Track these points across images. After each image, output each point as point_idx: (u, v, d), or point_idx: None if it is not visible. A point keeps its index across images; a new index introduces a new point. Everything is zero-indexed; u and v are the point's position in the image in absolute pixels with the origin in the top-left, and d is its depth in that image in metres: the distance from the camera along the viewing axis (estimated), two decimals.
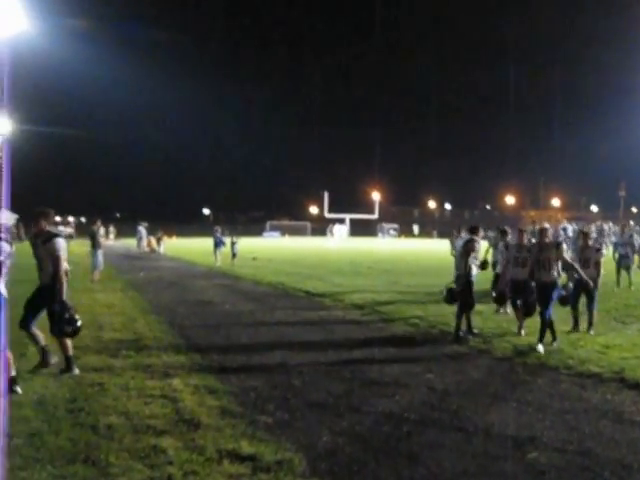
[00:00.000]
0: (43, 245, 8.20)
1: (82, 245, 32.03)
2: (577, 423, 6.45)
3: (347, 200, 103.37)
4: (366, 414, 6.64)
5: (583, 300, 11.67)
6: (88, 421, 6.24)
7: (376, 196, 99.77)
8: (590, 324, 11.53)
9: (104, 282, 20.77)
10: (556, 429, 6.26)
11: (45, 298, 8.19)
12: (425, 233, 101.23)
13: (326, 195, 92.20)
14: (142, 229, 47.12)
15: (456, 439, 5.92)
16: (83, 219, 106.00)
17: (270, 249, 48.40)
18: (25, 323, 8.20)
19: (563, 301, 10.97)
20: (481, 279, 13.15)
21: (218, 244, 29.78)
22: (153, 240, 46.24)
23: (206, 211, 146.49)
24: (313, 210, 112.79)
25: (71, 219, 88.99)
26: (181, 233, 79.76)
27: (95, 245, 21.92)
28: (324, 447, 5.67)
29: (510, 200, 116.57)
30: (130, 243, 52.16)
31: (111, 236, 64.67)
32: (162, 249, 44.34)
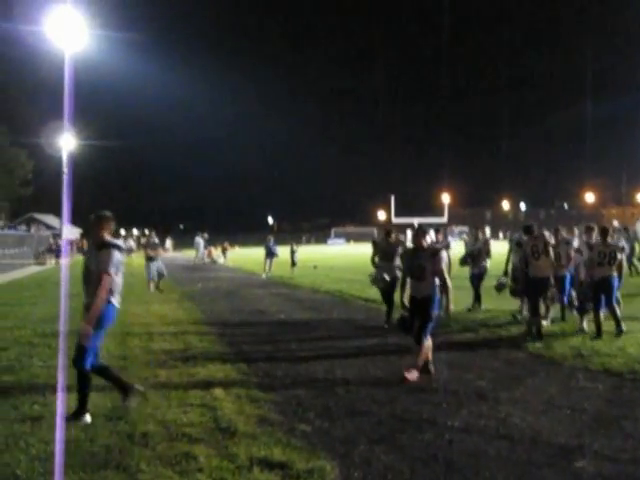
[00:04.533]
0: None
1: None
2: (635, 430, 6.31)
3: (415, 203, 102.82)
4: (408, 422, 6.65)
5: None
6: (125, 429, 6.42)
7: (445, 198, 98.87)
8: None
9: (162, 293, 21.20)
10: (610, 437, 6.14)
11: None
12: (498, 235, 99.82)
13: (392, 199, 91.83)
14: (200, 240, 47.84)
15: (499, 447, 5.87)
16: (147, 231, 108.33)
17: (333, 257, 48.55)
18: None
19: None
20: None
21: (270, 254, 30.04)
22: (214, 250, 46.94)
23: (270, 220, 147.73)
24: (381, 215, 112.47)
25: (135, 232, 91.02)
26: (245, 242, 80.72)
27: (149, 257, 22.39)
28: (360, 456, 5.70)
29: (590, 197, 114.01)
30: (191, 254, 53.02)
31: (167, 246, 65.86)
32: (224, 259, 45.01)
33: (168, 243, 71.81)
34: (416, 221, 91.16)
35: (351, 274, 28.24)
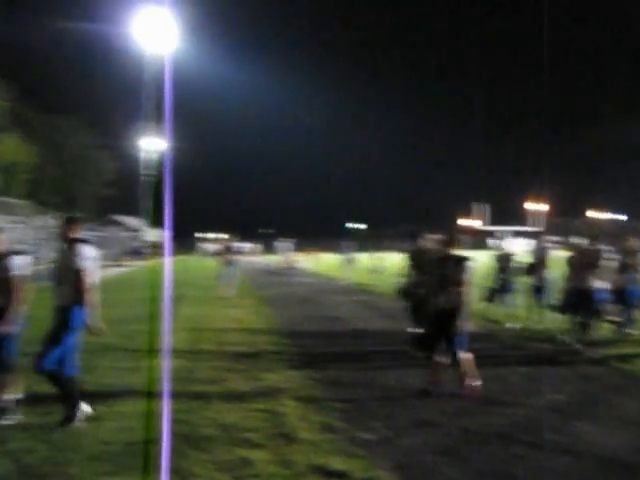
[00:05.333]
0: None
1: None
2: None
3: (509, 211, 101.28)
4: (475, 434, 6.50)
5: None
6: (185, 432, 6.46)
7: (539, 206, 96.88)
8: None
9: (238, 298, 21.40)
10: None
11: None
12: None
13: (478, 207, 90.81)
14: (283, 244, 48.28)
15: (565, 463, 5.68)
16: (226, 236, 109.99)
17: None
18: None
19: None
20: None
21: (348, 260, 29.97)
22: (296, 255, 47.29)
23: (355, 226, 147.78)
24: (466, 223, 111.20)
25: (222, 236, 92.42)
26: (329, 248, 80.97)
27: (225, 261, 22.50)
28: (422, 467, 5.60)
29: None
30: (274, 259, 53.53)
31: (248, 250, 66.70)
32: (304, 264, 45.27)
33: (249, 247, 72.66)
34: (508, 229, 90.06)
35: None
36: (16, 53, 71.35)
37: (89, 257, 7.10)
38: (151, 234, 66.15)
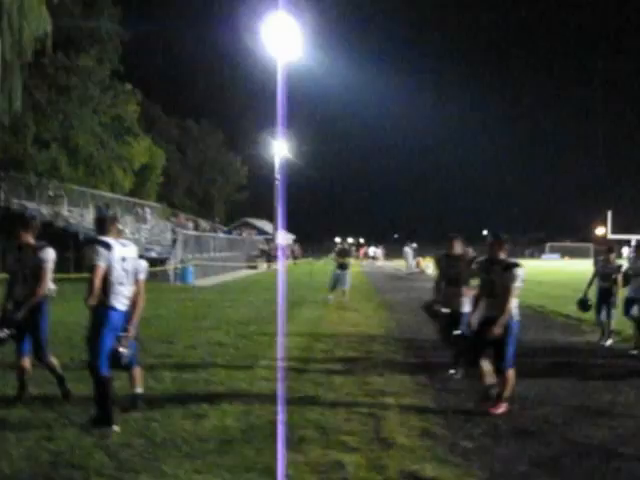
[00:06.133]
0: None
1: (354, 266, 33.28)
2: None
3: (637, 219, 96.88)
4: (577, 445, 6.29)
5: None
6: (283, 433, 6.51)
7: None
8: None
9: (359, 302, 21.45)
10: None
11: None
12: None
13: (609, 214, 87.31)
14: (408, 250, 48.04)
15: None
16: (362, 240, 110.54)
17: (544, 272, 46.79)
18: None
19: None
20: None
21: None
22: (422, 260, 46.99)
23: (485, 232, 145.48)
24: (599, 231, 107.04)
25: (350, 240, 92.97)
26: None
27: (339, 264, 22.26)
28: (516, 477, 5.47)
29: None
30: (400, 264, 53.39)
31: (376, 255, 66.74)
32: (431, 270, 44.83)
33: (376, 251, 72.66)
34: (635, 238, 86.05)
35: (558, 290, 27.11)
36: (146, 58, 74.28)
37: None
38: (282, 237, 67.31)
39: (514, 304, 7.55)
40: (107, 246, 6.54)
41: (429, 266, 45.29)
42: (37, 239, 7.61)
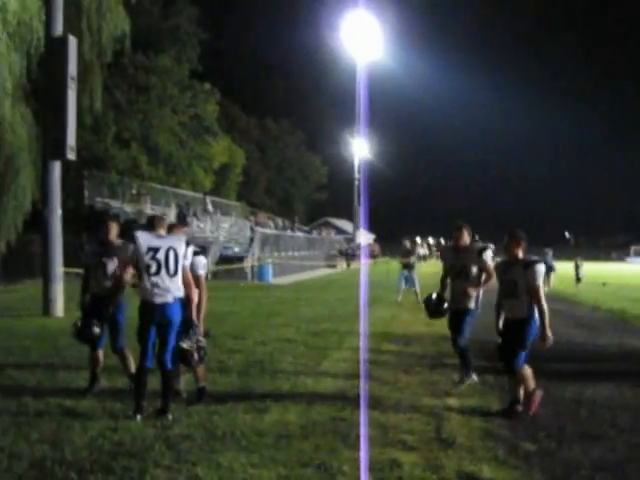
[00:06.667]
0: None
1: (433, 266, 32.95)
2: None
3: None
4: None
5: None
6: (343, 430, 6.54)
7: None
8: None
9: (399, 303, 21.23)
10: None
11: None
12: None
13: None
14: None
15: None
16: (442, 240, 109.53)
17: (628, 275, 45.57)
18: None
19: None
20: None
21: (548, 268, 28.77)
22: None
23: (567, 234, 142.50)
24: None
25: (431, 240, 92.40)
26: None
27: (403, 265, 22.01)
28: None
29: None
30: None
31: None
32: None
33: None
34: None
35: None
36: (226, 58, 75.20)
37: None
38: (362, 237, 67.42)
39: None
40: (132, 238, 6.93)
41: None
42: (121, 237, 8.03)
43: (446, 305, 9.07)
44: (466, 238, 8.92)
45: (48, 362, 9.86)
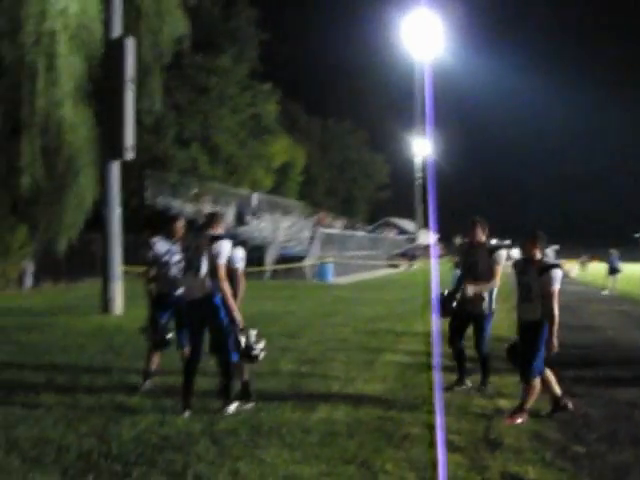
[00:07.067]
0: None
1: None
2: None
3: None
4: None
5: None
6: (388, 429, 6.54)
7: None
8: None
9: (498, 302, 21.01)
10: None
11: None
12: None
13: None
14: (550, 252, 46.88)
15: None
16: (508, 240, 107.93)
17: None
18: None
19: None
20: None
21: (612, 269, 28.20)
22: (567, 263, 45.70)
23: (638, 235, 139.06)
24: None
25: (494, 241, 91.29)
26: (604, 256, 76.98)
27: (455, 264, 21.79)
28: None
29: None
30: None
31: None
32: (576, 272, 43.66)
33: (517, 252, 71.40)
34: None
35: None
36: (286, 58, 75.55)
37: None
38: (425, 237, 67.06)
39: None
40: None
41: (573, 269, 43.99)
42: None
43: (454, 304, 8.54)
44: (480, 235, 8.57)
45: (103, 359, 10.10)
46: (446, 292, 8.72)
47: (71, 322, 14.65)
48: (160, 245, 8.13)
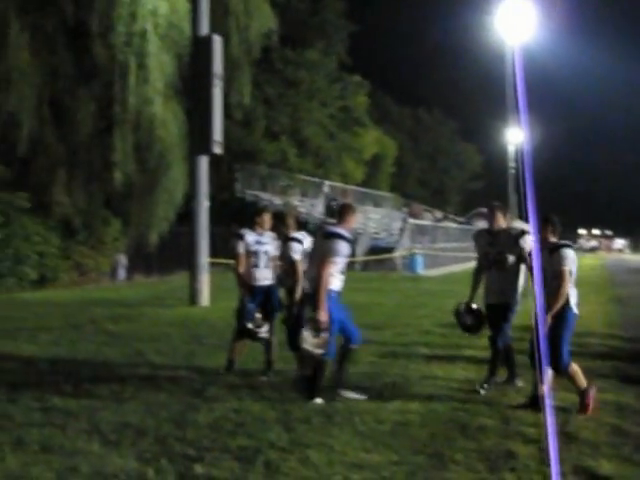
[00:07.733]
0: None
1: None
2: None
3: None
4: None
5: None
6: (462, 420, 6.55)
7: None
8: None
9: (587, 295, 20.53)
10: None
11: None
12: None
13: None
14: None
15: None
16: (609, 232, 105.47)
17: None
18: None
19: None
20: None
21: None
22: None
23: None
24: None
25: (596, 232, 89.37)
26: None
27: None
28: None
29: None
30: None
31: (618, 247, 63.97)
32: None
33: (621, 244, 69.86)
34: None
35: None
36: (377, 49, 75.42)
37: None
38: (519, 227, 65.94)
39: (572, 292, 6.93)
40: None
41: None
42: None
43: (480, 314, 8.18)
44: (501, 221, 7.94)
45: (187, 348, 10.41)
46: (462, 307, 8.37)
47: (159, 313, 15.12)
48: (250, 236, 8.41)
